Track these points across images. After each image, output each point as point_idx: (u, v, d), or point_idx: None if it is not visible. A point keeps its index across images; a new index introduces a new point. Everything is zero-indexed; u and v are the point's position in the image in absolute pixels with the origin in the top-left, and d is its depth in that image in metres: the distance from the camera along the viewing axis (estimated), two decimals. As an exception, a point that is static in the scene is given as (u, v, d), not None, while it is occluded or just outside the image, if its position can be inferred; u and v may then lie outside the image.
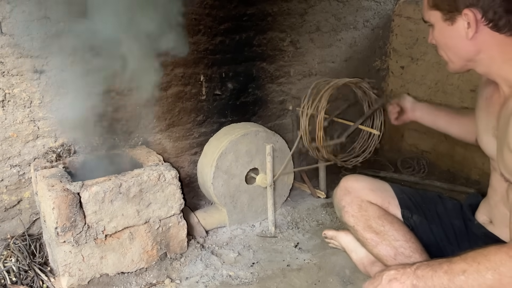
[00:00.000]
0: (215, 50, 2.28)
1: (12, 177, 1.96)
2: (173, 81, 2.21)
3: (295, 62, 2.57)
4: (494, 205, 1.37)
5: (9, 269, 1.82)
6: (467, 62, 1.26)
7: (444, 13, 1.22)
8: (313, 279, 1.89)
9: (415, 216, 1.56)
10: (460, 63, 1.28)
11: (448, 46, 1.27)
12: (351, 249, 1.70)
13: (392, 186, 1.64)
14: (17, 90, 1.87)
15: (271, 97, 2.56)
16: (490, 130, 1.29)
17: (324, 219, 2.37)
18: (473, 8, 1.16)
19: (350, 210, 1.58)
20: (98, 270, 1.84)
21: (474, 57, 1.24)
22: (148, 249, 1.93)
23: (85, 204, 1.74)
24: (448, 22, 1.22)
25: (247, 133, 2.24)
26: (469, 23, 1.18)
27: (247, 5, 2.31)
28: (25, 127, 1.93)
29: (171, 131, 2.29)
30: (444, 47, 1.29)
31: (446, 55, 1.30)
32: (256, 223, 2.34)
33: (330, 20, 2.62)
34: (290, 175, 2.42)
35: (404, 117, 1.85)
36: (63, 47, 1.89)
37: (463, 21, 1.18)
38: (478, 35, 1.18)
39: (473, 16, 1.16)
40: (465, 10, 1.17)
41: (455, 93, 2.63)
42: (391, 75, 3.02)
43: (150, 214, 1.90)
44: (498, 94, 1.27)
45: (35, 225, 2.07)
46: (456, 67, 1.31)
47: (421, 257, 1.44)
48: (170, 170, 1.92)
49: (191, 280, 1.89)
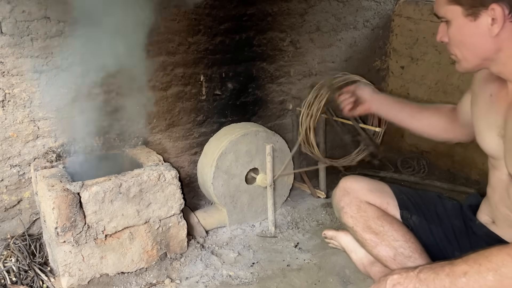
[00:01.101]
0: (215, 50, 2.28)
1: (12, 177, 1.96)
2: (173, 81, 2.21)
3: (295, 62, 2.57)
4: (495, 206, 1.35)
5: (9, 269, 1.82)
6: (483, 61, 1.19)
7: (466, 8, 1.14)
8: (313, 279, 1.89)
9: (414, 217, 1.55)
10: (475, 62, 1.21)
11: (465, 43, 1.18)
12: (351, 249, 1.70)
13: (391, 187, 1.63)
14: (17, 90, 1.87)
15: (271, 97, 2.56)
16: (495, 129, 1.25)
17: (324, 219, 2.37)
18: (501, 3, 1.08)
19: (349, 211, 1.57)
20: (98, 270, 1.84)
21: (493, 56, 1.17)
22: (148, 249, 1.93)
23: (85, 204, 1.74)
24: (470, 18, 1.14)
25: (247, 133, 2.24)
26: (494, 19, 1.10)
27: (247, 5, 2.31)
28: (25, 127, 1.93)
29: (171, 131, 2.29)
30: (459, 44, 1.20)
31: (461, 53, 1.21)
32: (256, 223, 2.34)
33: (330, 20, 2.62)
34: (290, 175, 2.42)
35: (360, 108, 1.77)
36: (63, 47, 1.89)
37: (487, 17, 1.12)
38: (501, 32, 1.12)
39: (502, 12, 1.09)
40: (492, 4, 1.09)
41: (455, 93, 2.62)
42: (391, 75, 3.02)
43: (150, 214, 1.90)
44: (505, 92, 1.23)
45: (35, 225, 2.07)
46: (469, 66, 1.23)
47: (421, 257, 1.44)
48: (170, 170, 1.92)
49: (191, 280, 1.89)
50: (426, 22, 2.72)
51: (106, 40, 1.84)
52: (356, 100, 1.76)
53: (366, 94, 1.76)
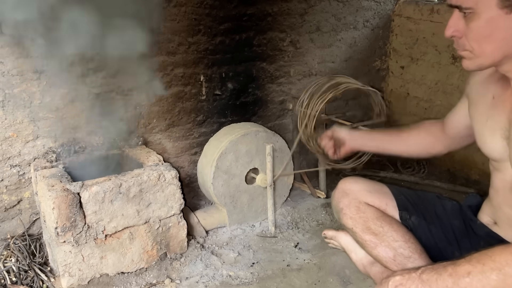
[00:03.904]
0: (215, 50, 2.28)
1: (12, 177, 1.96)
2: (173, 81, 2.21)
3: (295, 62, 2.57)
4: (498, 207, 1.35)
5: (9, 269, 1.82)
6: (503, 58, 1.13)
7: (503, 0, 1.06)
8: (313, 279, 1.89)
9: (414, 217, 1.55)
10: (496, 59, 1.14)
11: (493, 37, 1.10)
12: (351, 250, 1.70)
13: (390, 188, 1.63)
14: (17, 90, 1.87)
15: (271, 97, 2.56)
16: (498, 131, 1.24)
17: (324, 219, 2.37)
18: None
19: (348, 212, 1.57)
20: (98, 270, 1.84)
21: None
22: (148, 249, 1.93)
23: (85, 204, 1.74)
24: (506, 10, 1.06)
25: (247, 133, 2.24)
26: None
27: (247, 5, 2.31)
28: (25, 127, 1.93)
29: (171, 131, 2.29)
30: (484, 38, 1.11)
31: (481, 48, 1.13)
32: (256, 223, 2.34)
33: (330, 20, 2.62)
34: (290, 175, 2.42)
35: (342, 149, 1.77)
36: (63, 47, 1.89)
37: None
38: None
39: None
40: None
41: (455, 93, 2.62)
42: (391, 75, 3.02)
43: (150, 214, 1.90)
44: (509, 92, 1.21)
45: (35, 225, 2.07)
46: (487, 63, 1.16)
47: (421, 257, 1.44)
48: (170, 170, 1.92)
49: (191, 280, 1.89)
50: (426, 22, 2.72)
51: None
52: (336, 143, 1.76)
53: (344, 135, 1.76)
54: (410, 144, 1.67)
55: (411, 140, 1.67)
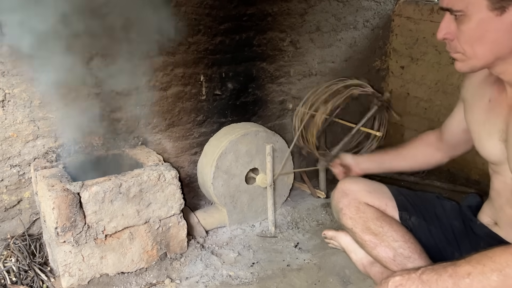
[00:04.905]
0: (215, 50, 2.28)
1: (12, 177, 1.96)
2: (173, 81, 2.21)
3: (295, 62, 2.57)
4: (499, 208, 1.34)
5: (9, 269, 1.82)
6: (495, 60, 1.13)
7: (493, 2, 1.06)
8: (313, 279, 1.89)
9: (413, 218, 1.55)
10: (488, 60, 1.14)
11: (484, 39, 1.10)
12: (351, 250, 1.70)
13: (389, 188, 1.64)
14: (17, 90, 1.87)
15: (271, 97, 2.55)
16: (496, 134, 1.24)
17: (324, 219, 2.37)
18: None
19: (348, 212, 1.57)
20: (98, 270, 1.84)
21: (507, 54, 1.11)
22: (148, 249, 1.93)
23: (85, 204, 1.74)
24: (496, 12, 1.06)
25: (247, 133, 2.24)
26: None
27: (247, 5, 2.31)
28: (25, 127, 1.93)
29: (171, 131, 2.29)
30: (475, 40, 1.12)
31: (473, 50, 1.13)
32: (256, 223, 2.34)
33: (330, 20, 2.62)
34: (290, 175, 2.42)
35: (352, 174, 1.83)
36: (63, 47, 1.89)
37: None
38: None
39: None
40: None
41: (455, 93, 2.62)
42: (391, 75, 3.02)
43: (150, 214, 1.90)
44: (505, 95, 1.21)
45: (35, 225, 2.07)
46: (479, 65, 1.17)
47: (420, 257, 1.44)
48: (170, 170, 1.92)
49: (191, 280, 1.89)
50: (426, 22, 2.72)
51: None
52: (345, 169, 1.83)
53: (349, 162, 1.84)
54: (410, 159, 1.71)
55: (410, 155, 1.71)
